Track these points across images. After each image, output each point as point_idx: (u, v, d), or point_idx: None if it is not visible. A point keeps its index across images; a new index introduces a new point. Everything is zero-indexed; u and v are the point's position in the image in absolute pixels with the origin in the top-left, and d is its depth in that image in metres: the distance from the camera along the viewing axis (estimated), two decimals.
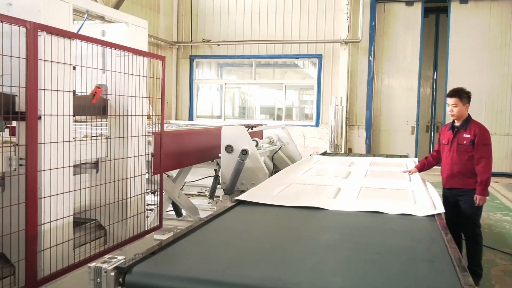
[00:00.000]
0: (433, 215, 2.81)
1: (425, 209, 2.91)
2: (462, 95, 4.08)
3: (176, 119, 11.76)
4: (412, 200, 3.18)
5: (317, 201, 3.10)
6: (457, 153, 4.10)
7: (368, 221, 2.68)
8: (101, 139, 3.32)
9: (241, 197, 3.22)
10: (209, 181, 5.90)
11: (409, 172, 4.43)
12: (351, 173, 4.32)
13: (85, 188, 3.24)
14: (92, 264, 1.78)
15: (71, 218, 2.90)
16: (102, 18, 3.73)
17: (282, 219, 2.84)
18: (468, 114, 4.15)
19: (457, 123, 4.17)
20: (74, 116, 2.92)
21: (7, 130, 3.07)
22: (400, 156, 6.18)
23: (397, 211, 2.85)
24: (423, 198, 3.23)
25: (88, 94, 3.15)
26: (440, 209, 2.91)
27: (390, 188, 3.68)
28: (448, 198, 4.20)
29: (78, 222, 3.20)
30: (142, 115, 3.62)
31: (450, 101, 4.11)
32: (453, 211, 4.14)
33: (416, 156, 10.70)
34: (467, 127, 4.09)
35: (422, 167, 4.53)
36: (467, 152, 4.04)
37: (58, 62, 2.68)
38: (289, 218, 2.84)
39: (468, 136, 4.04)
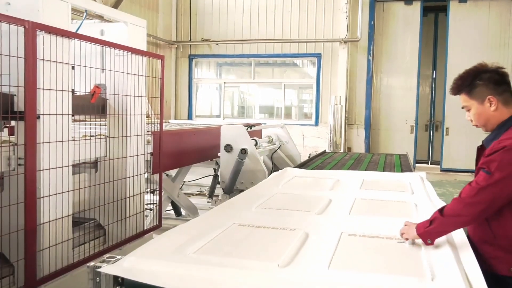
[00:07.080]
0: None
1: None
2: (466, 87, 2.34)
3: (175, 119, 11.74)
4: (427, 270, 1.71)
5: (252, 279, 1.64)
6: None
7: None
8: (100, 138, 3.32)
9: (119, 270, 1.71)
10: (208, 181, 5.90)
11: None
12: (331, 203, 2.88)
13: (84, 187, 3.24)
14: (91, 263, 1.78)
15: (70, 217, 2.90)
16: (101, 17, 3.72)
17: None
18: None
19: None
20: (73, 115, 2.92)
21: (6, 130, 3.08)
22: (400, 156, 6.17)
23: None
24: (448, 266, 1.74)
25: (87, 93, 3.15)
26: None
27: (389, 237, 2.14)
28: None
29: (77, 222, 3.20)
30: (141, 115, 3.62)
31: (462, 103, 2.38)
32: None
33: (415, 155, 10.74)
34: (493, 139, 2.17)
35: None
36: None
37: (56, 62, 2.67)
38: None
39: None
